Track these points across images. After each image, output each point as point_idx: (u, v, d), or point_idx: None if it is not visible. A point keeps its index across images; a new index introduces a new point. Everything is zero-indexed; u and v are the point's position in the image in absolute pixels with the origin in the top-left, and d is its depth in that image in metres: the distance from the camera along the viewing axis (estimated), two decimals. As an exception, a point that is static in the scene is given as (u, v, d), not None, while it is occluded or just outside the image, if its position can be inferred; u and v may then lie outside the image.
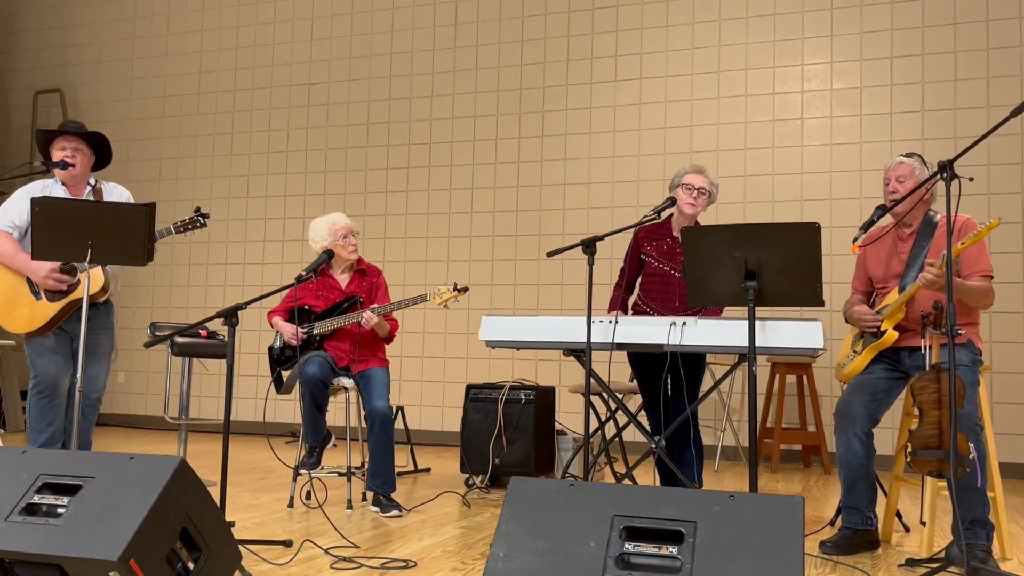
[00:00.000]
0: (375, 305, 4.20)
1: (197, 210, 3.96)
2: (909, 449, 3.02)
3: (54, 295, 3.79)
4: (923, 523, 3.31)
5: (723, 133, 6.67)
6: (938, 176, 2.95)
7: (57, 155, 3.87)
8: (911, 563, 3.11)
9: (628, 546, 1.82)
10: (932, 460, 2.97)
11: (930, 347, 3.25)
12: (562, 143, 7.07)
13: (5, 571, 2.18)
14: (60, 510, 2.21)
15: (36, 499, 2.24)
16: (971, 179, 2.99)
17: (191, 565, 2.26)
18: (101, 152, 4.02)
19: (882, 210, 3.39)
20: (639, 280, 4.10)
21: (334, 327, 4.19)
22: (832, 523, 3.90)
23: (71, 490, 2.26)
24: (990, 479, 3.23)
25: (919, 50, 6.28)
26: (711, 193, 3.90)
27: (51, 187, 3.93)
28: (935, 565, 3.04)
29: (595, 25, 7.07)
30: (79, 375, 3.39)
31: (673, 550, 1.79)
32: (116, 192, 4.05)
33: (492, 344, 3.71)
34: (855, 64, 6.42)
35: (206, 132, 8.20)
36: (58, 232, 3.35)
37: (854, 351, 3.55)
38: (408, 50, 7.59)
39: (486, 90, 7.32)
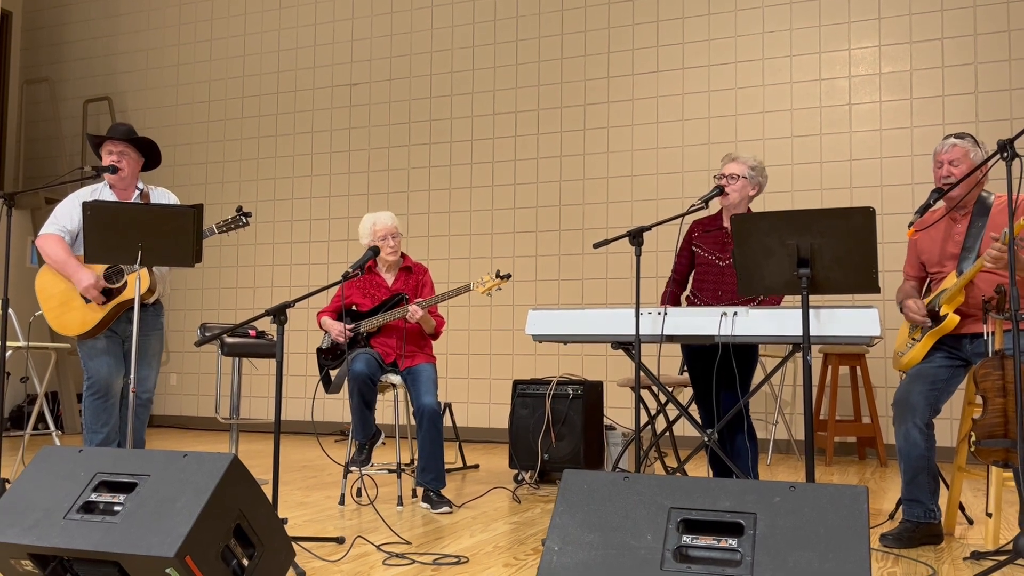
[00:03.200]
0: (419, 299, 4.21)
1: (239, 209, 3.99)
2: (973, 438, 2.93)
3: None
4: (988, 515, 3.21)
5: (769, 121, 6.55)
6: (997, 156, 2.85)
7: (106, 159, 3.93)
8: (977, 556, 3.02)
9: (686, 539, 1.77)
10: (997, 449, 2.87)
11: (993, 333, 3.14)
12: (604, 136, 7.01)
13: (64, 568, 2.21)
14: (117, 508, 2.23)
15: (93, 497, 2.27)
16: (1033, 158, 2.88)
17: (245, 562, 2.26)
18: (149, 155, 4.07)
19: (938, 193, 3.28)
20: (692, 274, 4.05)
21: (380, 323, 4.19)
22: (892, 516, 3.80)
23: (127, 488, 2.28)
24: (1058, 469, 3.12)
25: (971, 30, 6.10)
26: (747, 176, 3.82)
27: (100, 191, 3.99)
28: (1002, 558, 2.94)
29: (635, 16, 6.99)
30: (131, 375, 3.44)
31: (733, 542, 1.74)
32: (164, 197, 4.10)
33: (539, 338, 3.68)
34: (904, 47, 6.27)
35: (250, 135, 8.28)
36: (109, 235, 3.40)
37: (912, 339, 3.45)
38: (448, 47, 7.59)
39: (527, 85, 7.28)
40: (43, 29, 9.36)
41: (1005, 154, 2.78)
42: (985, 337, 3.24)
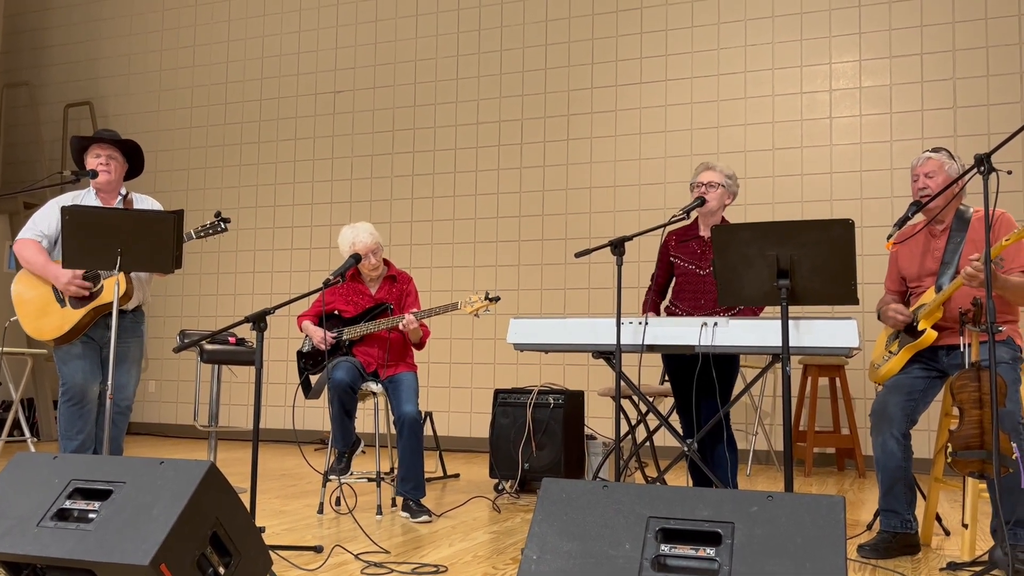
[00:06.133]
0: (415, 310, 4.19)
1: (218, 214, 3.97)
2: (949, 450, 2.95)
3: (78, 302, 3.80)
4: (964, 525, 3.23)
5: (751, 134, 6.60)
6: (975, 170, 2.88)
7: (91, 162, 3.90)
8: (953, 567, 3.04)
9: (664, 548, 1.78)
10: (974, 461, 2.90)
11: (969, 345, 3.17)
12: (587, 146, 7.03)
13: (37, 576, 2.18)
14: (91, 515, 2.21)
15: (67, 504, 2.24)
16: (1009, 172, 2.91)
17: (222, 570, 2.24)
18: (134, 161, 4.04)
19: (917, 206, 3.32)
20: (672, 284, 4.06)
21: (364, 333, 4.18)
22: (869, 527, 3.82)
23: (102, 495, 2.26)
24: (1033, 480, 3.15)
25: (950, 46, 6.18)
26: (725, 185, 3.86)
27: (83, 196, 3.96)
28: (978, 568, 2.96)
29: (619, 27, 7.03)
30: (108, 382, 3.40)
31: (711, 552, 1.74)
32: (147, 204, 4.07)
33: (520, 347, 3.68)
34: (884, 61, 6.33)
35: (233, 142, 8.25)
36: (88, 240, 3.37)
37: (889, 351, 3.48)
38: (432, 56, 7.60)
39: (511, 95, 7.30)
40: (24, 33, 9.30)
41: (982, 168, 2.81)
42: (962, 349, 3.27)
